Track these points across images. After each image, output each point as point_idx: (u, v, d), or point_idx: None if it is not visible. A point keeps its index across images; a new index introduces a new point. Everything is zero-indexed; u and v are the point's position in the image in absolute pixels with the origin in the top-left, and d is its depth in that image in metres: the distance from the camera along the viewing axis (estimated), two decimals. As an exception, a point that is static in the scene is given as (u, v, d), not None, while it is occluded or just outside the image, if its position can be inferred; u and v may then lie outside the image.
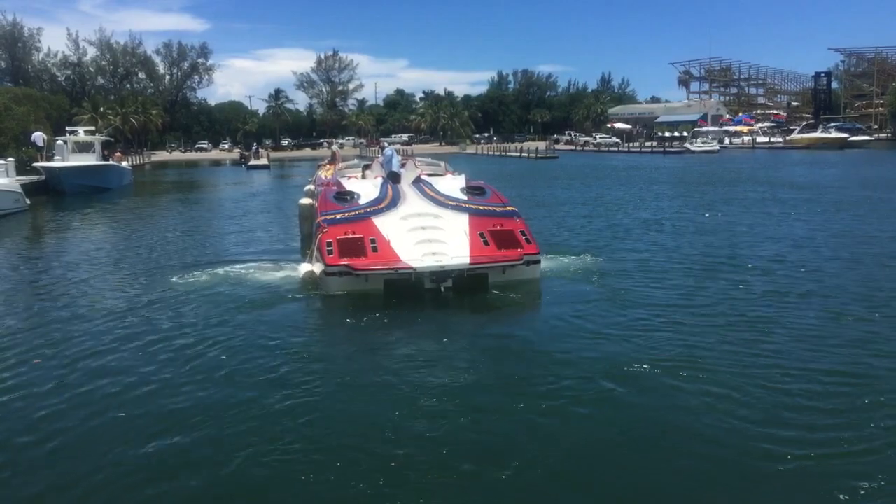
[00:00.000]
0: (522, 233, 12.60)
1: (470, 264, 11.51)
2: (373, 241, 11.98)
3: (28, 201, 28.93)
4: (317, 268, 12.03)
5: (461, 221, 12.87)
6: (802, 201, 25.62)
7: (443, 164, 19.23)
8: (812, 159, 58.44)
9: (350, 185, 15.56)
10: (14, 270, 15.52)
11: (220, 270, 13.77)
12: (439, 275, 11.33)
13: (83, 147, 40.28)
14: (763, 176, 39.97)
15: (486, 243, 12.16)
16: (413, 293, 11.17)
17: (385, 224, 12.63)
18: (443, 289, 11.34)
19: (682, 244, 16.68)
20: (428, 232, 12.41)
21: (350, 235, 12.12)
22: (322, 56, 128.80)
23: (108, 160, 42.45)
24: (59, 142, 39.76)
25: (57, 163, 37.00)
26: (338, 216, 12.91)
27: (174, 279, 13.33)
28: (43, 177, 36.05)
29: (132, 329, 10.04)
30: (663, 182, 37.43)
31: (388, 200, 13.81)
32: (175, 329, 9.94)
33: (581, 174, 46.40)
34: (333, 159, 23.03)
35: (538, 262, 12.31)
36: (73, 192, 34.87)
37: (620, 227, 19.85)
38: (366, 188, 14.86)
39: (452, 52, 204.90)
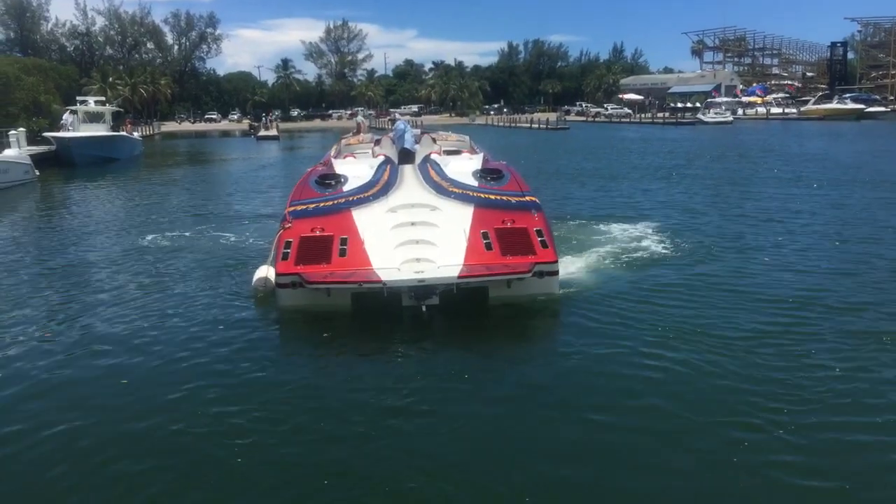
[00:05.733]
0: (539, 232, 9.58)
1: (460, 276, 8.64)
2: (343, 242, 9.41)
3: (37, 172, 28.90)
4: (271, 274, 9.60)
5: (463, 215, 10.03)
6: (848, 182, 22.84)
7: (467, 138, 16.47)
8: (830, 131, 57.44)
9: (341, 166, 12.96)
10: (15, 242, 15.43)
11: (211, 256, 12.96)
12: (419, 290, 8.60)
13: (93, 118, 40.16)
14: (798, 150, 38.28)
15: (488, 246, 9.35)
16: (389, 312, 8.76)
17: (366, 218, 10.04)
18: (424, 308, 8.62)
19: (729, 239, 13.70)
20: (417, 230, 9.76)
21: (317, 233, 9.58)
22: (331, 25, 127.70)
23: (118, 130, 42.28)
24: (69, 112, 39.59)
25: (67, 133, 36.86)
26: (309, 207, 10.38)
27: (167, 249, 13.55)
28: (53, 147, 35.92)
29: (105, 303, 10.11)
30: (687, 155, 36.47)
31: (380, 187, 11.12)
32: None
33: (595, 146, 45.64)
34: (359, 131, 20.73)
35: (556, 272, 9.38)
36: (83, 162, 34.75)
37: (649, 211, 17.31)
38: (358, 170, 12.18)
39: (462, 23, 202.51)
